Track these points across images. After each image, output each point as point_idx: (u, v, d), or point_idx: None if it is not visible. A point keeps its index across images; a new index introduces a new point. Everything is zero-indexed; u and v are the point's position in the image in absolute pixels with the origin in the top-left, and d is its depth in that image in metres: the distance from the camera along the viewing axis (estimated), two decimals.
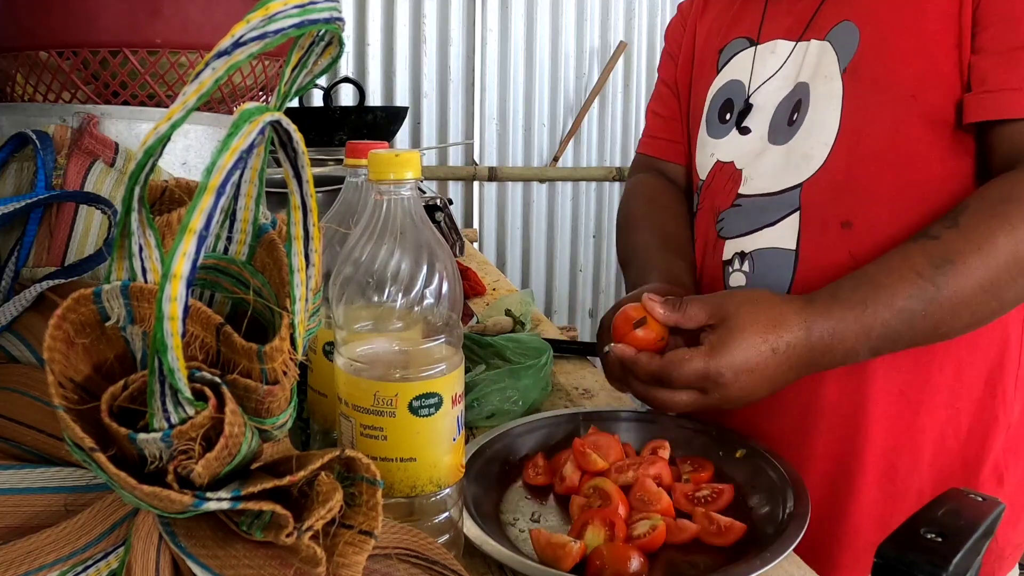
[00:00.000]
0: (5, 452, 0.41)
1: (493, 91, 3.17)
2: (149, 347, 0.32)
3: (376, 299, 0.53)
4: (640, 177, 1.09)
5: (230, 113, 0.75)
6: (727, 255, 0.90)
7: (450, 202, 1.72)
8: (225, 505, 0.32)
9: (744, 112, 0.91)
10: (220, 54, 0.32)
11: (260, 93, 0.79)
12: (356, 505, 0.35)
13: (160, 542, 0.35)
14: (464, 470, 0.57)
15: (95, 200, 0.53)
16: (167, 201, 0.50)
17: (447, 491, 0.55)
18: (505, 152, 3.24)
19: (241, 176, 0.39)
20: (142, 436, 0.32)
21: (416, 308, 0.53)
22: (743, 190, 0.89)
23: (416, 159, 0.53)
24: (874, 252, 0.77)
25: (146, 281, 0.35)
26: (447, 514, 0.56)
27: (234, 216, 0.40)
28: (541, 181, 3.31)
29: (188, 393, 0.32)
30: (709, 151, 0.95)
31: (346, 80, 2.23)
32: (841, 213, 0.81)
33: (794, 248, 0.84)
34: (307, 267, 0.37)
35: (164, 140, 0.31)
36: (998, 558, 0.86)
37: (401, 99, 3.03)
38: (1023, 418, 0.86)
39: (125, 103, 0.68)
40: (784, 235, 0.85)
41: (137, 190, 0.33)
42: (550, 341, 1.01)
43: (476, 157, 3.21)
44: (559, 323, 3.27)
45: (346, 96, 2.77)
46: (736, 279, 0.89)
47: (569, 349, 1.10)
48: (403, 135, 3.05)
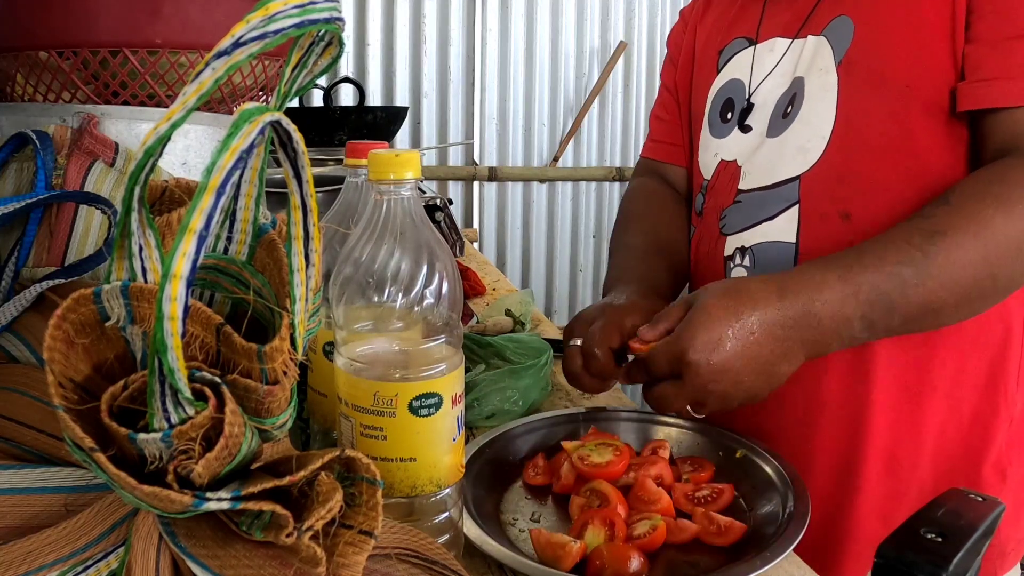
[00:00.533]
0: (5, 452, 0.41)
1: (493, 91, 3.17)
2: (149, 347, 0.32)
3: (376, 299, 0.53)
4: (642, 180, 1.11)
5: (230, 113, 0.75)
6: (728, 251, 0.90)
7: (450, 202, 1.72)
8: (225, 505, 0.32)
9: (746, 111, 0.91)
10: (220, 54, 0.32)
11: (260, 93, 0.79)
12: (356, 505, 0.35)
13: (160, 542, 0.35)
14: (464, 470, 0.57)
15: (95, 200, 0.53)
16: (167, 201, 0.50)
17: (447, 491, 0.55)
18: (505, 152, 3.24)
19: (241, 176, 0.39)
20: (142, 436, 0.32)
21: (416, 308, 0.53)
22: (742, 185, 0.89)
23: (416, 159, 0.53)
24: None
25: (146, 281, 0.35)
26: (447, 514, 0.56)
27: (234, 216, 0.40)
28: (541, 181, 3.31)
29: (188, 393, 0.32)
30: (713, 151, 0.95)
31: (346, 80, 2.23)
32: (839, 205, 0.82)
33: (794, 241, 0.84)
34: (307, 267, 0.37)
35: (164, 140, 0.31)
36: (1000, 554, 0.86)
37: (401, 99, 3.03)
38: None
39: (125, 103, 0.68)
40: (784, 228, 0.85)
41: (137, 190, 0.33)
42: (550, 341, 1.01)
43: (476, 157, 3.21)
44: (559, 323, 3.26)
45: (346, 96, 2.77)
46: (737, 274, 0.89)
47: None
48: (403, 135, 3.05)
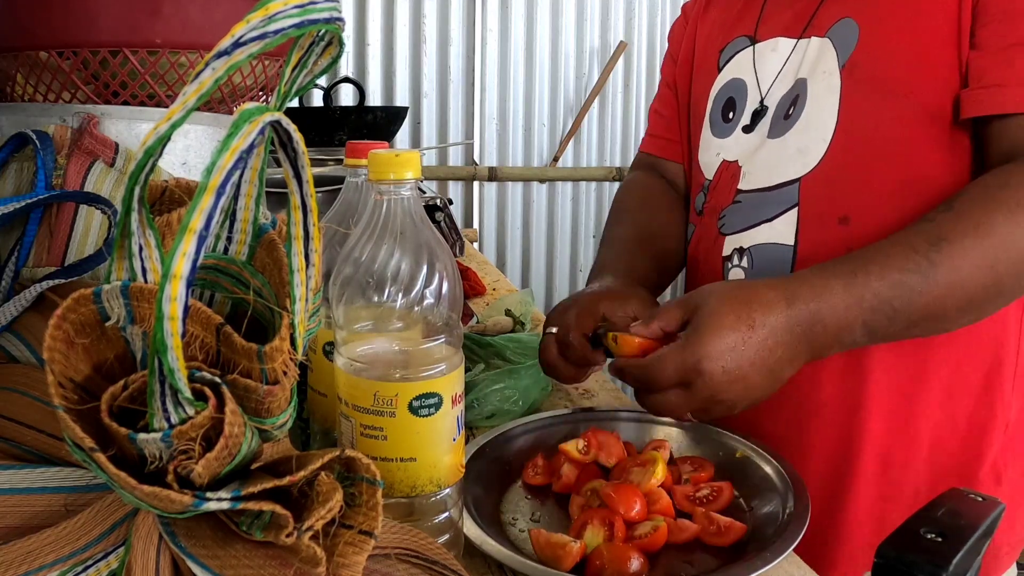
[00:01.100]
0: (5, 452, 0.41)
1: (493, 91, 3.17)
2: (149, 347, 0.32)
3: (376, 299, 0.53)
4: (637, 174, 1.10)
5: (230, 113, 0.75)
6: (727, 251, 0.90)
7: (450, 202, 1.72)
8: (225, 505, 0.32)
9: (759, 113, 0.90)
10: (220, 54, 0.32)
11: (260, 93, 0.79)
12: (356, 505, 0.35)
13: (160, 542, 0.35)
14: (464, 470, 0.57)
15: (95, 200, 0.53)
16: (167, 201, 0.50)
17: (447, 491, 0.55)
18: (505, 152, 3.24)
19: (241, 176, 0.39)
20: (142, 436, 0.32)
21: (416, 308, 0.53)
22: (742, 185, 0.89)
23: (416, 159, 0.53)
24: None
25: (146, 281, 0.35)
26: (447, 514, 0.56)
27: (234, 216, 0.40)
28: (541, 181, 3.31)
29: (188, 393, 0.32)
30: (714, 151, 0.95)
31: (346, 80, 2.23)
32: (839, 209, 0.81)
33: (792, 244, 0.84)
34: (307, 267, 0.37)
35: (164, 140, 0.31)
36: (994, 558, 0.85)
37: (401, 99, 3.03)
38: (1021, 417, 0.86)
39: (125, 103, 0.68)
40: (782, 231, 0.85)
41: (137, 190, 0.33)
42: None
43: (476, 157, 3.21)
44: None
45: (346, 96, 2.77)
46: (735, 275, 0.89)
47: None
48: (403, 135, 3.05)
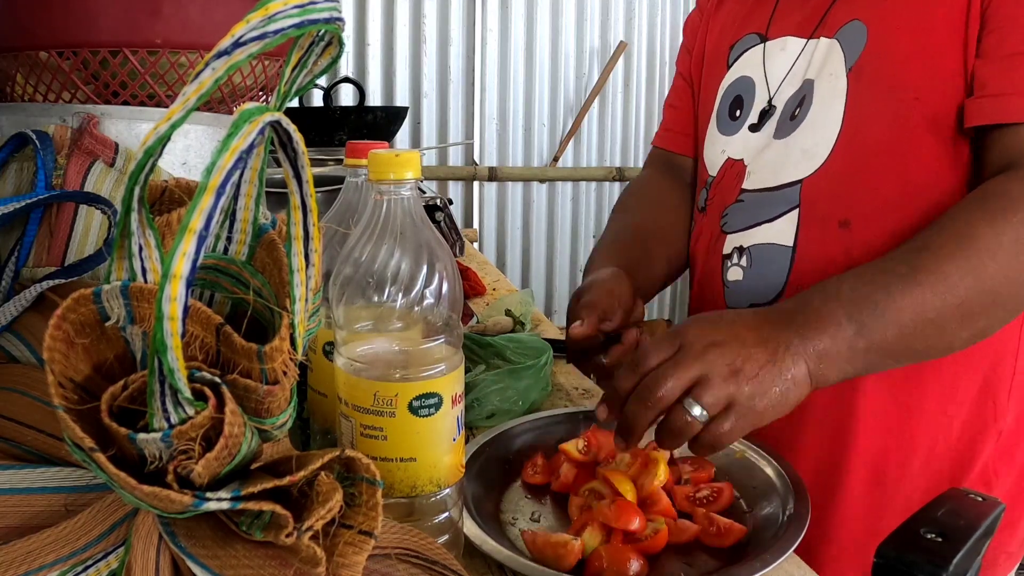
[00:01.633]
0: (5, 452, 0.41)
1: (493, 91, 3.17)
2: (149, 347, 0.32)
3: (376, 299, 0.53)
4: (646, 173, 1.10)
5: (230, 113, 0.75)
6: (727, 249, 0.90)
7: (450, 202, 1.72)
8: (225, 505, 0.32)
9: (767, 112, 0.90)
10: (220, 54, 0.32)
11: (260, 93, 0.79)
12: (356, 505, 0.35)
13: (160, 542, 0.35)
14: (464, 470, 0.57)
15: (95, 200, 0.53)
16: (167, 201, 0.50)
17: (447, 491, 0.55)
18: (505, 152, 3.25)
19: (241, 176, 0.39)
20: (142, 436, 0.32)
21: (416, 308, 0.53)
22: (746, 184, 0.89)
23: (416, 159, 0.53)
24: (870, 252, 0.76)
25: (146, 281, 0.35)
26: (447, 514, 0.56)
27: (234, 216, 0.40)
28: (541, 181, 3.31)
29: (188, 393, 0.32)
30: (720, 148, 0.95)
31: (346, 80, 2.23)
32: (840, 212, 0.81)
33: (791, 245, 0.84)
34: (307, 267, 0.37)
35: (164, 140, 0.31)
36: (990, 565, 0.85)
37: (401, 99, 3.03)
38: (1016, 425, 0.85)
39: (125, 103, 0.68)
40: (782, 231, 0.85)
41: (137, 190, 0.33)
42: (550, 341, 1.01)
43: (476, 157, 3.21)
44: (559, 323, 3.26)
45: (346, 96, 2.77)
46: (734, 273, 0.89)
47: None
48: (403, 135, 3.05)
